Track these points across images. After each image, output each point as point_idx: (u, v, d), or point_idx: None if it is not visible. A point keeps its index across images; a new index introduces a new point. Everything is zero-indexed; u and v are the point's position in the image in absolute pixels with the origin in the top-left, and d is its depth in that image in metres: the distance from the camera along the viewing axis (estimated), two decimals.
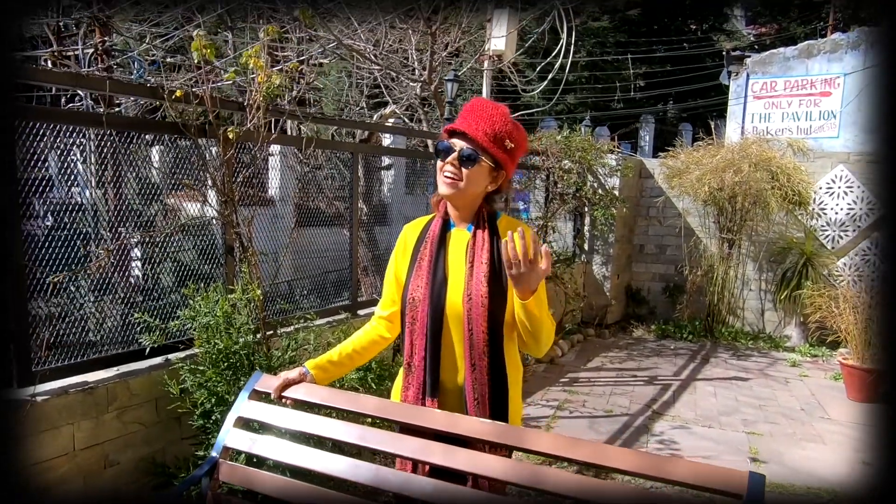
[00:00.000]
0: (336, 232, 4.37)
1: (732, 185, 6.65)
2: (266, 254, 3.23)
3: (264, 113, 2.83)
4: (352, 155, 4.14)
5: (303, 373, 1.92)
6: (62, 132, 2.43)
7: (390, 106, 5.71)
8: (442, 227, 1.93)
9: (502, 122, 1.82)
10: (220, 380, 2.78)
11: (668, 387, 5.77)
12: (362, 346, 2.02)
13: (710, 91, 18.80)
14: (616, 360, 6.66)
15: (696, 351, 7.13)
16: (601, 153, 6.83)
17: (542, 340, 1.76)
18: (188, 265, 3.18)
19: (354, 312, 4.16)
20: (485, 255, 1.82)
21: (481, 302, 1.77)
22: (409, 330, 1.89)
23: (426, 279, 1.86)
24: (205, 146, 2.92)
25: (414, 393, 1.86)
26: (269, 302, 3.47)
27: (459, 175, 1.82)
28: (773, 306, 7.75)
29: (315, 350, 3.06)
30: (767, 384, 5.97)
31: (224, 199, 2.89)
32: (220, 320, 2.81)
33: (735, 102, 9.19)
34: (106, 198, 2.99)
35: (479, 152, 1.81)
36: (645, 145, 17.91)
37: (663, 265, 8.41)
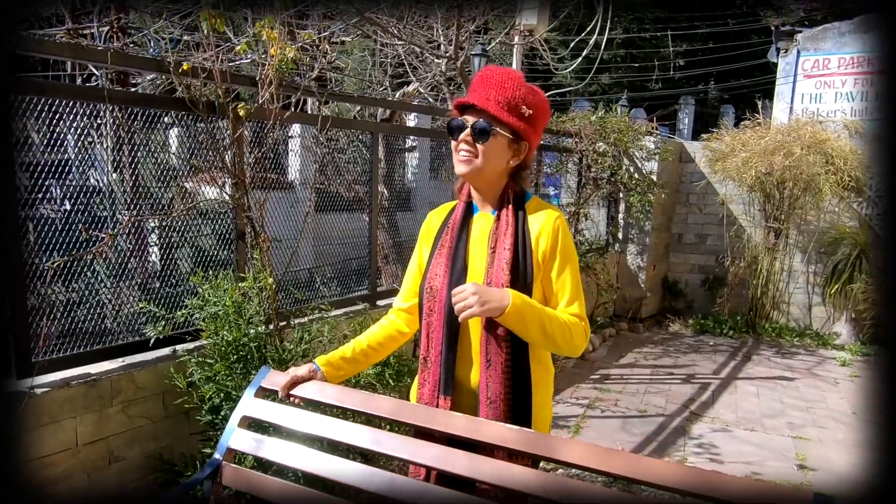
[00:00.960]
0: (356, 218, 4.30)
1: (782, 169, 6.42)
2: (279, 240, 3.16)
3: (277, 88, 2.74)
4: (371, 135, 4.05)
5: (312, 370, 1.84)
6: (78, 114, 2.39)
7: (414, 84, 5.60)
8: (465, 211, 1.84)
9: (514, 87, 1.71)
10: (229, 373, 2.73)
11: (707, 386, 5.62)
12: (378, 341, 1.94)
13: (754, 70, 18.32)
14: (651, 356, 6.52)
15: (738, 348, 6.95)
16: (639, 135, 6.65)
17: (557, 348, 1.69)
18: (205, 251, 3.15)
19: (373, 303, 4.09)
20: (508, 240, 1.72)
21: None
22: (426, 322, 1.80)
23: (445, 267, 1.78)
24: (215, 125, 2.85)
25: (429, 390, 1.78)
26: (283, 291, 3.41)
27: (475, 151, 1.73)
28: (821, 301, 7.52)
29: (329, 343, 2.99)
30: (815, 385, 5.79)
31: (235, 182, 2.82)
32: (230, 310, 2.75)
33: (783, 82, 8.90)
34: (123, 180, 2.96)
35: (493, 124, 1.70)
36: (684, 128, 17.54)
37: (703, 256, 8.20)
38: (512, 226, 1.74)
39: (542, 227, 1.74)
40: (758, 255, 7.34)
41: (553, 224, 1.74)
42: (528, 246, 1.72)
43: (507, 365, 1.68)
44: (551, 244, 1.73)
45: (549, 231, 1.73)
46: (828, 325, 7.49)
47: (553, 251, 1.73)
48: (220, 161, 2.71)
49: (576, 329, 1.68)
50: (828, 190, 6.45)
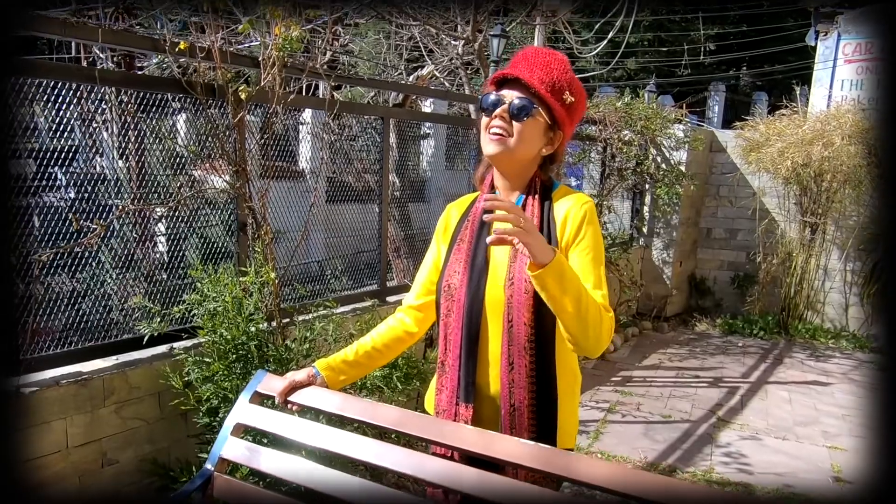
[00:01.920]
0: (367, 209, 4.24)
1: (821, 160, 6.25)
2: (282, 232, 3.10)
3: (280, 70, 2.66)
4: (381, 120, 3.96)
5: (312, 374, 1.77)
6: (80, 97, 2.35)
7: (429, 67, 5.51)
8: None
9: (561, 70, 1.63)
10: (227, 374, 2.68)
11: (736, 390, 5.52)
12: (384, 343, 1.85)
13: (788, 56, 18.00)
14: (676, 357, 6.41)
15: (768, 350, 6.83)
16: (667, 122, 6.51)
17: (586, 334, 1.48)
18: (213, 242, 3.11)
19: (382, 299, 4.02)
20: None
21: (524, 287, 1.58)
22: (443, 323, 1.72)
23: (465, 264, 1.69)
24: (215, 109, 2.78)
25: (448, 397, 1.69)
26: (287, 286, 3.35)
27: (509, 130, 1.63)
28: (858, 301, 7.36)
29: (335, 342, 2.93)
30: (852, 391, 5.66)
31: (235, 169, 2.75)
32: (229, 306, 2.69)
33: (822, 67, 8.69)
34: (129, 168, 2.94)
35: (535, 102, 1.61)
36: (713, 116, 17.31)
37: (733, 252, 8.06)
38: (537, 216, 1.65)
39: (567, 212, 1.65)
40: (792, 251, 7.19)
41: (580, 208, 1.65)
42: (554, 236, 1.63)
43: (532, 368, 1.59)
44: (576, 228, 1.63)
45: (576, 216, 1.64)
46: (866, 326, 7.33)
47: (577, 235, 1.63)
48: (219, 148, 2.63)
49: (604, 315, 1.54)
50: (869, 183, 6.28)
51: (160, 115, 2.86)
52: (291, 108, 3.60)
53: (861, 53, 8.40)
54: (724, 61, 19.17)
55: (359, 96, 6.58)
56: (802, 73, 16.46)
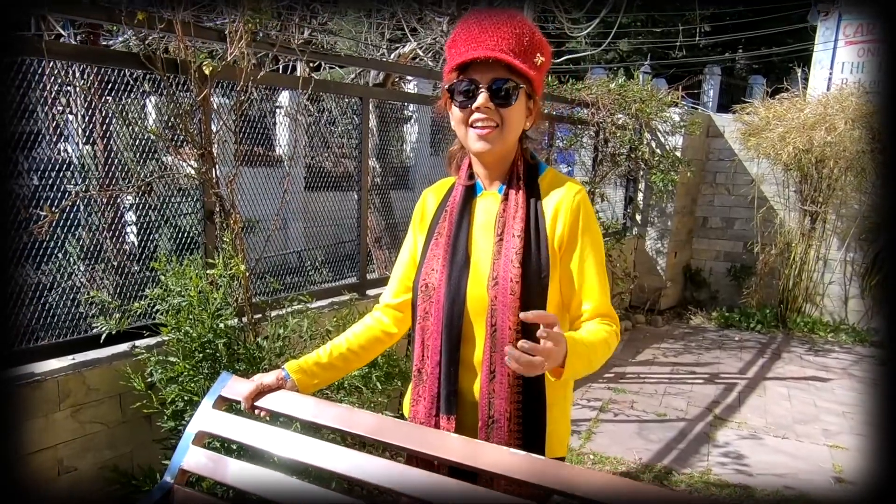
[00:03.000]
0: (347, 196, 4.15)
1: (823, 145, 6.22)
2: (254, 221, 3.01)
3: (249, 43, 2.56)
4: (360, 101, 3.86)
5: (281, 377, 1.68)
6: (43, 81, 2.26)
7: (410, 44, 5.40)
8: (466, 191, 1.64)
9: (526, 30, 1.50)
10: (194, 374, 2.60)
11: (733, 387, 5.50)
12: (360, 344, 1.76)
13: (786, 38, 18.02)
14: (670, 352, 6.39)
15: (766, 344, 6.82)
16: (663, 105, 6.45)
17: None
18: (184, 231, 3.04)
19: (362, 292, 3.94)
20: (517, 224, 1.53)
21: (510, 288, 1.49)
22: (420, 326, 1.62)
23: (443, 260, 1.59)
24: (177, 86, 2.68)
25: (426, 408, 1.60)
26: (259, 278, 3.27)
27: (497, 119, 1.51)
28: (859, 293, 7.37)
29: (310, 340, 2.84)
30: (853, 387, 5.66)
31: (201, 153, 2.65)
32: (195, 301, 2.60)
33: (822, 48, 8.67)
34: (95, 153, 2.85)
35: (517, 80, 1.50)
36: (708, 101, 17.29)
37: (730, 242, 8.05)
38: (523, 207, 1.54)
39: (558, 204, 1.55)
40: (791, 241, 7.18)
41: (572, 200, 1.55)
42: (543, 230, 1.54)
43: (516, 377, 1.51)
44: (570, 225, 1.54)
45: (568, 209, 1.54)
46: (866, 319, 7.35)
47: (573, 234, 1.54)
48: (183, 129, 2.53)
49: (612, 340, 1.52)
50: (872, 170, 6.27)
51: (129, 96, 2.78)
52: (266, 89, 3.51)
53: (863, 35, 8.38)
54: (719, 43, 19.17)
55: (339, 79, 6.46)
56: (800, 55, 16.52)
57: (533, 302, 1.51)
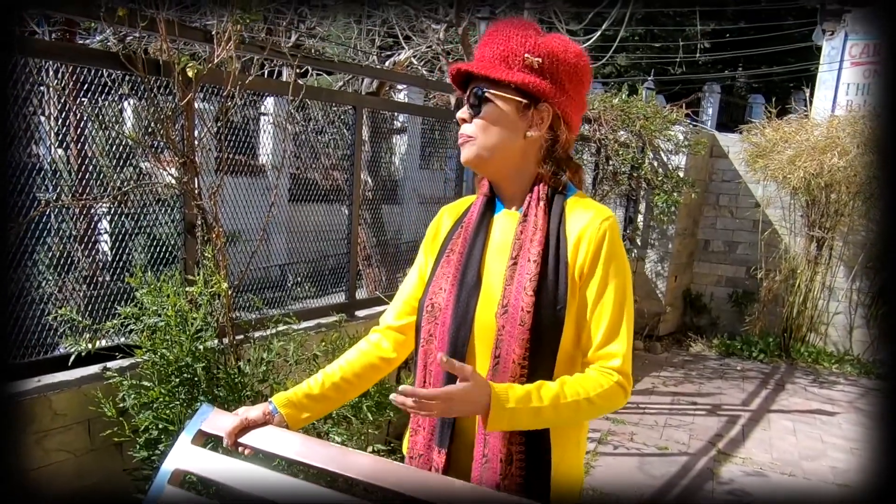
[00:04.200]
0: (335, 210, 4.08)
1: (833, 170, 6.21)
2: (237, 235, 2.91)
3: (237, 46, 2.48)
4: (353, 110, 3.79)
5: (268, 412, 1.58)
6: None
7: (406, 52, 5.35)
8: (484, 207, 1.58)
9: (512, 34, 1.46)
10: (169, 400, 2.50)
11: (736, 419, 5.44)
12: (355, 372, 1.66)
13: (787, 57, 18.19)
14: (670, 381, 6.32)
15: (769, 374, 6.79)
16: (668, 123, 6.42)
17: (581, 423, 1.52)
18: (162, 243, 2.95)
19: (351, 313, 3.85)
20: (535, 247, 1.45)
21: (520, 318, 1.41)
22: (423, 350, 1.55)
23: (453, 279, 1.52)
24: (159, 89, 2.59)
25: (424, 439, 1.53)
26: (241, 294, 3.17)
27: (473, 131, 1.51)
28: (864, 323, 7.35)
29: (296, 364, 2.74)
30: (859, 421, 5.62)
31: (183, 161, 2.56)
32: (173, 321, 2.50)
33: (827, 69, 8.71)
34: (69, 157, 2.77)
35: (489, 86, 1.46)
36: (707, 119, 17.39)
37: (732, 266, 8.02)
38: (542, 229, 1.46)
39: (583, 230, 1.46)
40: (796, 267, 7.16)
41: (598, 227, 1.46)
42: (564, 257, 1.45)
43: None
44: (593, 254, 1.45)
45: (593, 236, 1.45)
46: (871, 350, 7.32)
47: (594, 264, 1.45)
48: (164, 136, 2.44)
49: (611, 395, 1.41)
50: (881, 195, 6.26)
51: (106, 99, 2.71)
52: (251, 94, 3.43)
53: (869, 55, 8.43)
54: (719, 60, 19.33)
55: (327, 86, 6.40)
56: (803, 75, 16.66)
57: (545, 335, 1.42)
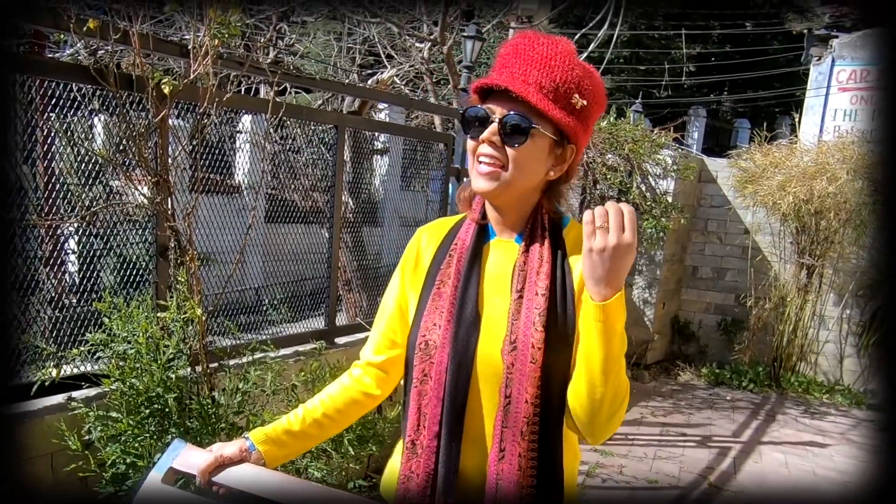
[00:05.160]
0: (313, 232, 4.03)
1: (823, 196, 6.27)
2: (211, 259, 2.85)
3: (214, 61, 2.44)
4: (335, 129, 3.75)
5: (244, 448, 1.51)
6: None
7: (389, 71, 5.34)
8: (477, 235, 1.52)
9: (566, 66, 1.38)
10: (139, 432, 2.42)
11: (727, 451, 5.43)
12: (336, 407, 1.60)
13: (773, 81, 18.49)
14: (659, 411, 6.30)
15: (759, 404, 6.81)
16: (656, 147, 6.46)
17: (605, 408, 1.31)
18: (132, 265, 2.89)
19: (331, 340, 3.79)
20: (542, 280, 1.40)
21: (531, 355, 1.36)
22: (416, 391, 1.46)
23: (448, 314, 1.45)
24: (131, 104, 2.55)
25: (419, 486, 1.44)
26: (216, 318, 3.11)
27: (503, 159, 1.40)
28: (855, 352, 7.40)
29: (273, 395, 2.67)
30: (852, 453, 5.63)
31: (156, 181, 2.50)
32: (143, 349, 2.43)
33: (815, 94, 8.84)
34: (35, 173, 2.71)
35: (533, 118, 1.37)
36: (693, 143, 17.59)
37: (720, 293, 8.05)
38: (549, 262, 1.42)
39: None
40: (786, 295, 7.19)
41: None
42: (570, 289, 1.41)
43: (532, 458, 1.36)
44: None
45: None
46: (862, 380, 7.37)
47: None
48: (136, 153, 2.38)
49: (626, 401, 1.37)
50: (873, 223, 6.34)
51: (75, 114, 2.65)
52: (228, 111, 3.39)
53: (856, 81, 8.57)
54: (704, 84, 19.59)
55: (306, 104, 6.38)
56: (789, 100, 16.91)
57: (557, 370, 1.38)
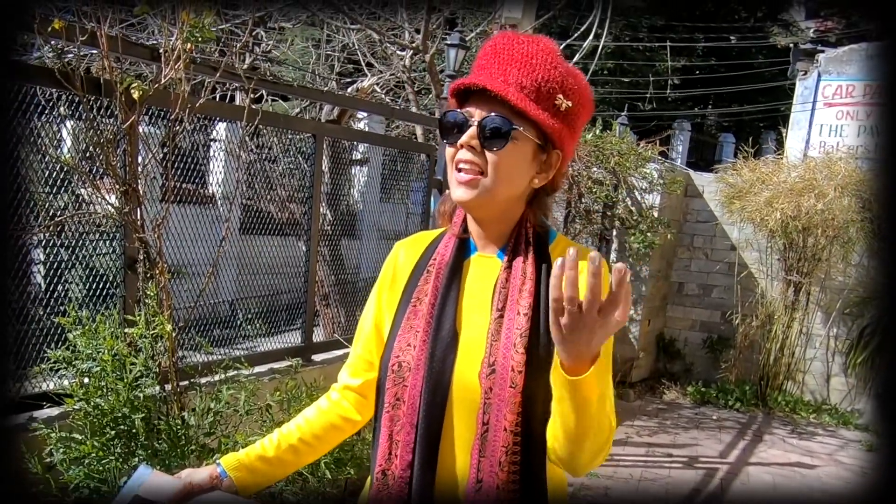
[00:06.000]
0: (290, 244, 3.98)
1: (811, 212, 6.31)
2: (182, 272, 2.79)
3: (187, 65, 2.39)
4: (314, 138, 3.71)
5: (216, 475, 1.45)
6: None
7: (370, 79, 5.31)
8: (457, 250, 1.45)
9: (548, 64, 1.33)
10: (104, 455, 2.36)
11: (714, 472, 5.42)
12: (314, 433, 1.53)
13: (758, 95, 18.71)
14: (644, 431, 6.28)
15: (746, 424, 6.80)
16: (642, 160, 6.48)
17: (586, 451, 1.25)
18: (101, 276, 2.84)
19: (307, 357, 3.73)
20: (524, 299, 1.34)
21: (511, 379, 1.30)
22: (387, 416, 1.39)
23: (424, 333, 1.38)
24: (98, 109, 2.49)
25: None
26: (187, 332, 3.05)
27: (482, 165, 1.33)
28: (841, 371, 7.44)
29: (247, 415, 2.61)
30: (839, 475, 5.63)
31: (124, 190, 2.44)
32: (109, 367, 2.37)
33: (800, 109, 8.93)
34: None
35: (514, 119, 1.31)
36: (677, 157, 17.73)
37: (706, 310, 8.07)
38: (532, 279, 1.36)
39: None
40: (773, 312, 7.22)
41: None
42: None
43: (512, 490, 1.30)
44: None
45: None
46: (849, 399, 7.41)
47: None
48: (104, 161, 2.33)
49: (611, 435, 1.30)
50: (861, 241, 6.39)
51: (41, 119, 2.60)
52: (201, 118, 3.34)
53: (842, 97, 8.66)
54: (689, 97, 19.78)
55: (282, 112, 6.33)
56: (773, 115, 17.11)
57: (538, 398, 1.31)
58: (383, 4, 5.56)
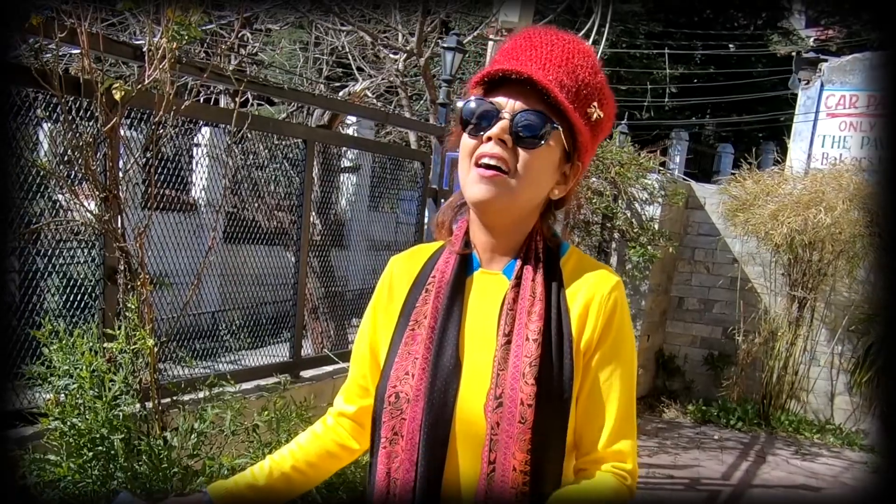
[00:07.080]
0: (275, 254, 3.93)
1: (818, 226, 6.30)
2: (166, 283, 2.74)
3: (172, 65, 2.34)
4: (304, 144, 3.66)
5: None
6: None
7: (362, 83, 5.28)
8: (458, 266, 1.36)
9: (590, 67, 1.27)
10: (80, 477, 2.30)
11: (717, 495, 5.44)
12: (308, 460, 1.44)
13: (758, 105, 18.81)
14: (644, 451, 6.24)
15: (749, 444, 6.79)
16: (643, 171, 6.47)
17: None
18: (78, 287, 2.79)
19: (296, 374, 3.67)
20: (534, 322, 1.26)
21: (519, 414, 1.22)
22: (384, 452, 1.31)
23: (423, 360, 1.30)
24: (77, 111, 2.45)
25: None
26: (169, 345, 3.00)
27: (511, 162, 1.24)
28: (846, 390, 7.43)
29: (233, 436, 2.55)
30: (845, 498, 5.61)
31: (104, 196, 2.39)
32: (87, 384, 2.31)
33: (803, 119, 8.95)
34: None
35: (554, 119, 1.24)
36: (675, 167, 17.79)
37: (707, 326, 8.06)
38: (542, 300, 1.27)
39: (589, 299, 1.29)
40: (776, 329, 7.20)
41: (608, 297, 1.29)
42: (567, 333, 1.27)
43: None
44: (602, 330, 1.27)
45: (601, 308, 1.28)
46: (853, 419, 7.40)
47: (602, 342, 1.28)
48: (83, 165, 2.27)
49: (621, 497, 1.25)
50: (868, 256, 6.39)
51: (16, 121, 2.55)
52: (185, 122, 3.29)
53: (846, 107, 8.68)
54: (687, 107, 19.87)
55: (269, 116, 6.29)
56: (773, 125, 17.20)
57: (551, 434, 1.24)
58: (375, 6, 5.53)
